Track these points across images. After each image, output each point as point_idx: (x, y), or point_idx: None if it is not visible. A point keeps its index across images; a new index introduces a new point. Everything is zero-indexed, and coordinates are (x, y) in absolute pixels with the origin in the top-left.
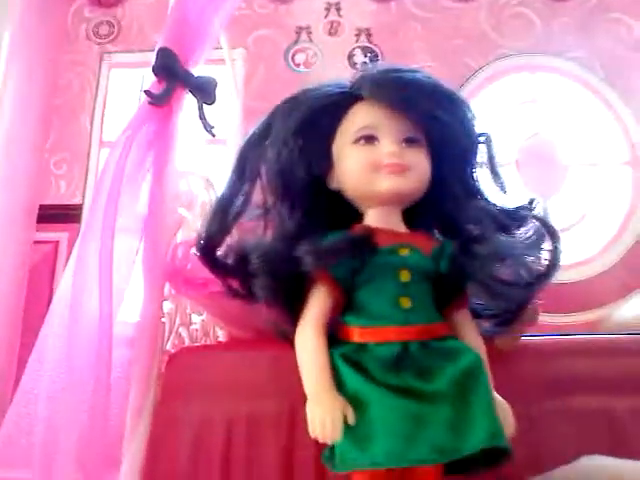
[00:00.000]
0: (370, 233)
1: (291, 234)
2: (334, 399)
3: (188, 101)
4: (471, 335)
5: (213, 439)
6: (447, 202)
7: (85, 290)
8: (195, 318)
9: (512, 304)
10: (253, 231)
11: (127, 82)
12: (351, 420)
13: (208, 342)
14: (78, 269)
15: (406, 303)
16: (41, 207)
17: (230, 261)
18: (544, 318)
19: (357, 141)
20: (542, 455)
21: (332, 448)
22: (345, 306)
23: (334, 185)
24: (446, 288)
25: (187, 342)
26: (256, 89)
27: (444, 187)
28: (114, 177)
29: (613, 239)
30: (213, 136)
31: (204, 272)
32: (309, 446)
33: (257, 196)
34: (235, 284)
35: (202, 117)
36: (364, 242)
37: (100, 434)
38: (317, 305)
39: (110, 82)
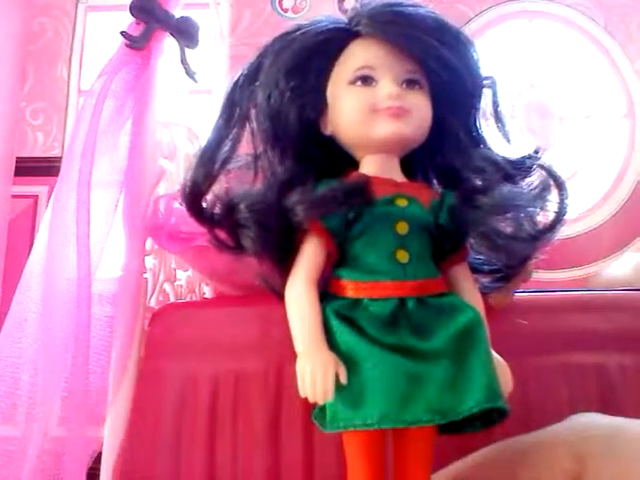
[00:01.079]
0: (366, 182)
1: (282, 182)
2: (326, 356)
3: (169, 46)
4: (470, 291)
5: (199, 396)
6: (448, 150)
7: (62, 246)
8: (180, 274)
9: (514, 259)
10: (241, 179)
11: (105, 27)
12: (343, 379)
13: (194, 298)
14: (54, 224)
15: (403, 257)
16: (18, 160)
17: (217, 211)
18: (537, 274)
19: (353, 82)
20: (532, 412)
21: (322, 407)
22: (339, 259)
23: (328, 130)
24: (445, 241)
25: (172, 298)
26: (242, 35)
27: (446, 134)
28: (90, 126)
29: (606, 195)
30: (196, 82)
31: (188, 226)
32: (298, 405)
33: (246, 142)
34: (223, 236)
35: (184, 62)
36: (359, 191)
37: (83, 391)
38: (309, 258)
39: (87, 26)
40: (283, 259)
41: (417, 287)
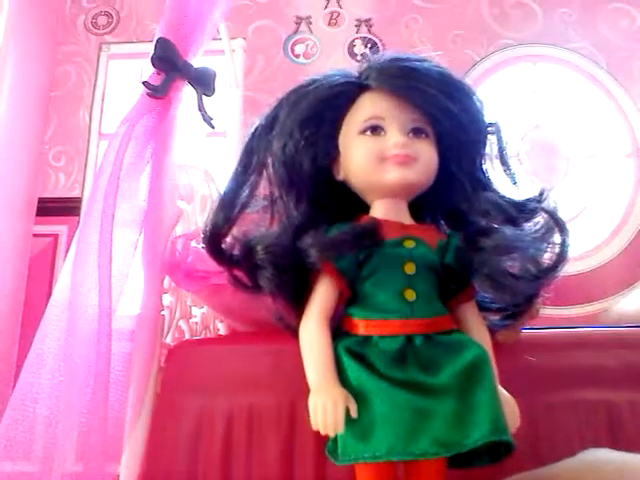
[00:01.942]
0: (376, 225)
1: (297, 226)
2: (337, 391)
3: (187, 93)
4: (477, 328)
5: (213, 432)
6: (454, 194)
7: (84, 284)
8: (195, 311)
9: (519, 298)
10: (259, 223)
11: (126, 74)
12: (354, 413)
13: (208, 335)
14: (77, 262)
15: (411, 296)
16: (40, 200)
17: (236, 252)
18: (545, 311)
19: (363, 132)
20: (541, 447)
21: (335, 440)
22: (350, 298)
23: (340, 176)
24: (451, 281)
25: (187, 335)
26: (256, 80)
27: (451, 179)
28: (113, 169)
29: (614, 232)
30: (212, 128)
31: (204, 265)
32: (310, 439)
33: (263, 188)
34: (241, 276)
35: (201, 109)
36: (370, 234)
37: (100, 427)
38: (321, 297)
39: (109, 74)
40: (297, 298)
41: (424, 325)
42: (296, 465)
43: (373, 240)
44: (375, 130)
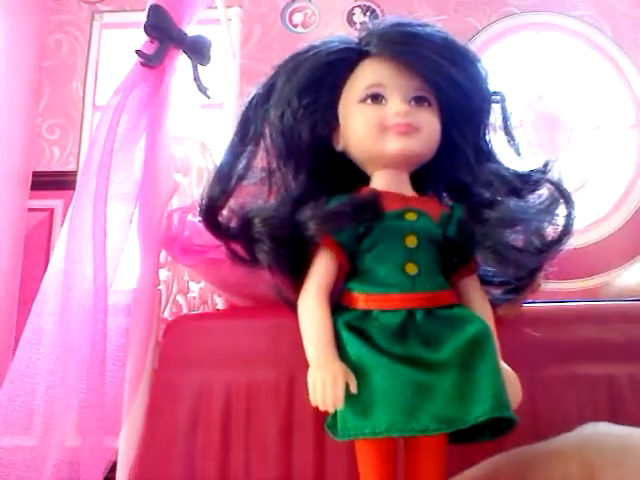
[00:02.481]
0: (376, 197)
1: (295, 198)
2: (337, 367)
3: (182, 62)
4: (479, 303)
5: (212, 407)
6: (457, 165)
7: (79, 259)
8: (193, 286)
9: (522, 271)
10: (256, 195)
11: (120, 44)
12: (353, 388)
13: (206, 310)
14: (71, 237)
15: (412, 269)
16: (34, 174)
17: (233, 225)
18: (546, 285)
19: (364, 100)
20: (541, 422)
21: (335, 416)
22: (350, 272)
23: (340, 147)
24: (454, 254)
25: (185, 310)
26: (253, 50)
27: (455, 149)
28: (106, 141)
29: (616, 205)
30: (208, 98)
31: (201, 238)
32: (309, 415)
33: (260, 160)
34: (238, 249)
35: (197, 78)
36: (369, 206)
37: (98, 402)
38: (320, 271)
39: (102, 44)
40: (296, 272)
41: (425, 299)
42: (295, 440)
43: (373, 212)
44: (376, 98)
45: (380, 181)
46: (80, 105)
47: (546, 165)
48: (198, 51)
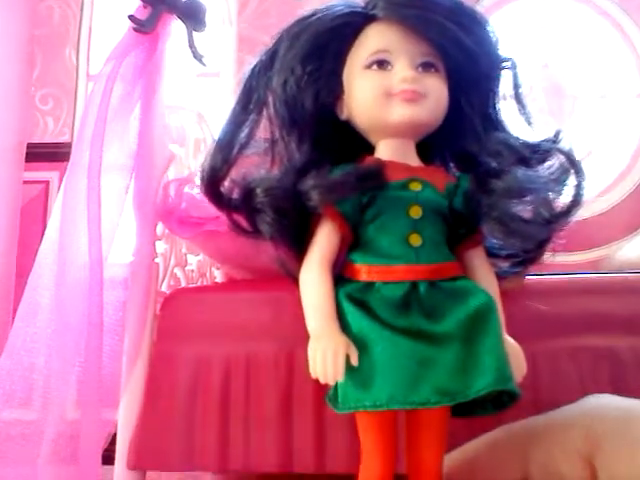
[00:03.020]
0: (379, 166)
1: (298, 168)
2: (337, 339)
3: (176, 29)
4: (485, 275)
5: (211, 379)
6: (464, 134)
7: (73, 232)
8: (191, 259)
9: (529, 243)
10: (259, 165)
11: (113, 10)
12: (354, 361)
13: (205, 283)
14: (65, 210)
15: (416, 241)
16: (29, 145)
17: (235, 196)
18: (548, 257)
19: (369, 66)
20: (543, 395)
21: (336, 388)
22: (353, 243)
23: (344, 115)
24: (460, 226)
25: (183, 283)
26: (251, 16)
27: (462, 118)
28: (99, 111)
29: (620, 176)
30: (204, 65)
31: (199, 210)
32: (309, 388)
33: (263, 130)
34: (240, 220)
35: (192, 45)
36: (373, 176)
37: (97, 375)
38: (323, 242)
39: (95, 10)
40: (298, 243)
41: (429, 271)
42: (294, 413)
43: (377, 182)
44: (382, 64)
45: (385, 150)
46: (74, 74)
47: (557, 134)
48: (192, 16)
